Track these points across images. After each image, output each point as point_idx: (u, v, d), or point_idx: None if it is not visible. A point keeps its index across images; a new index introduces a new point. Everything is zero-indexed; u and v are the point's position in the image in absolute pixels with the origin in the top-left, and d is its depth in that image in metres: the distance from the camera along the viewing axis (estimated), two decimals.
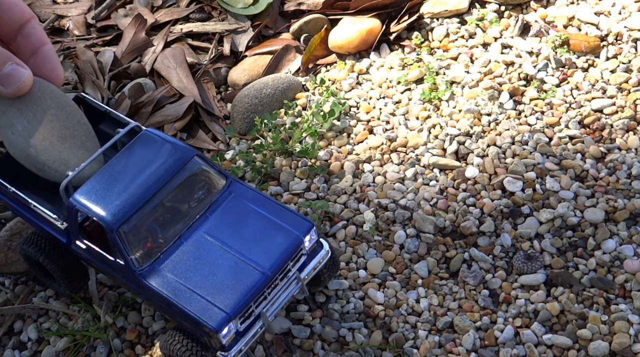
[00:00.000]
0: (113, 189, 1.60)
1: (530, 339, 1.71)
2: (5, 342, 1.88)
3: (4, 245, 1.95)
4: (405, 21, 2.32)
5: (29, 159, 1.65)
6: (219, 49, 2.40)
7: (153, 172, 1.62)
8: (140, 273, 1.60)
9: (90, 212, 1.59)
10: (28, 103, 1.65)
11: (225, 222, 1.65)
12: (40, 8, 2.58)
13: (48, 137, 1.65)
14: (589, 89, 2.11)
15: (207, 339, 1.58)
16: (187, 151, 1.66)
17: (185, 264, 1.60)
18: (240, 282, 1.57)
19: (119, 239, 1.58)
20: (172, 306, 1.57)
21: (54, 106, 1.67)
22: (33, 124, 1.65)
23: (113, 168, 1.63)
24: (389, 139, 2.09)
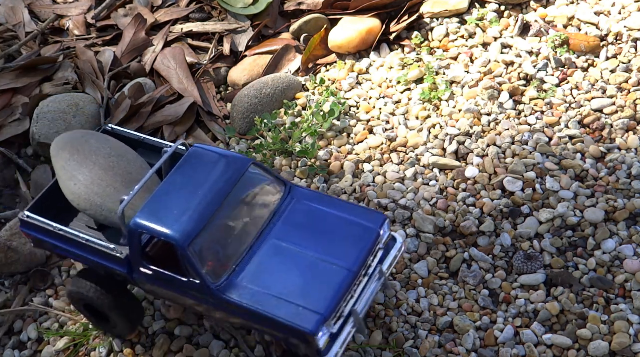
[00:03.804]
0: (175, 207, 1.55)
1: (530, 339, 1.71)
2: (5, 342, 1.88)
3: (4, 245, 1.95)
4: (405, 21, 2.32)
5: (95, 207, 1.65)
6: (219, 49, 2.40)
7: (214, 186, 1.58)
8: (219, 289, 1.53)
9: (157, 232, 1.53)
10: (87, 154, 1.65)
11: (296, 226, 1.61)
12: (40, 8, 2.58)
13: (112, 184, 1.65)
14: (589, 89, 2.11)
15: (302, 346, 1.52)
16: (244, 161, 1.62)
17: (264, 272, 1.55)
18: (327, 282, 1.52)
19: (192, 257, 1.52)
20: (258, 317, 1.51)
21: (114, 154, 1.68)
22: (95, 173, 1.65)
23: (170, 187, 1.59)
24: (389, 139, 2.09)
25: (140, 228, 1.55)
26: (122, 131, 1.83)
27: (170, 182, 1.60)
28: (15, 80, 2.34)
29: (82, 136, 1.76)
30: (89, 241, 1.64)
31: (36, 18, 2.56)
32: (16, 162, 2.19)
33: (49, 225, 1.68)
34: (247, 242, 1.59)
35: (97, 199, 1.66)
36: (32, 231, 1.71)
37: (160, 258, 1.62)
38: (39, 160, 2.20)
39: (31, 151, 2.23)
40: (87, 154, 1.69)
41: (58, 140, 1.77)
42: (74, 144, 1.72)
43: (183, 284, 1.56)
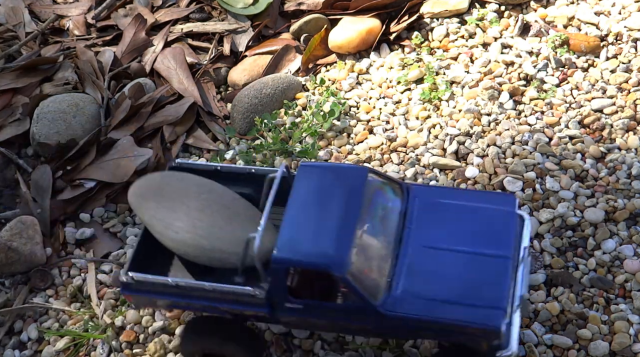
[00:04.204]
0: (314, 233, 1.48)
1: (530, 339, 1.71)
2: (6, 342, 1.88)
3: (4, 245, 1.95)
4: (405, 21, 2.32)
5: (204, 250, 1.58)
6: (219, 49, 2.40)
7: (342, 202, 1.52)
8: (382, 307, 1.48)
9: (306, 264, 1.46)
10: (175, 197, 1.59)
11: (432, 225, 1.56)
12: (40, 8, 2.58)
13: (214, 223, 1.58)
14: (589, 89, 2.11)
15: (483, 344, 1.48)
16: (360, 170, 1.58)
17: (423, 279, 1.50)
18: (490, 274, 1.48)
19: (351, 281, 1.45)
20: (433, 325, 1.47)
21: (202, 191, 1.61)
22: (192, 216, 1.58)
23: (296, 212, 1.52)
24: (389, 139, 2.09)
25: (285, 263, 1.47)
26: (193, 164, 1.75)
27: (293, 207, 1.53)
28: (15, 80, 2.34)
29: (160, 180, 1.68)
30: (219, 288, 1.54)
31: (36, 18, 2.56)
32: (16, 162, 2.19)
33: (163, 281, 1.58)
34: (391, 252, 1.53)
35: (204, 242, 1.58)
36: (138, 292, 1.61)
37: (308, 289, 1.54)
38: (39, 160, 2.20)
39: (31, 151, 2.23)
40: (175, 198, 1.61)
41: (135, 191, 1.68)
42: (156, 191, 1.65)
43: (341, 310, 1.50)
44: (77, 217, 2.08)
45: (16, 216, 2.03)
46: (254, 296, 1.53)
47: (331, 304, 1.51)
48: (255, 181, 1.68)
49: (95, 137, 2.18)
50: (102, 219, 2.08)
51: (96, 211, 2.08)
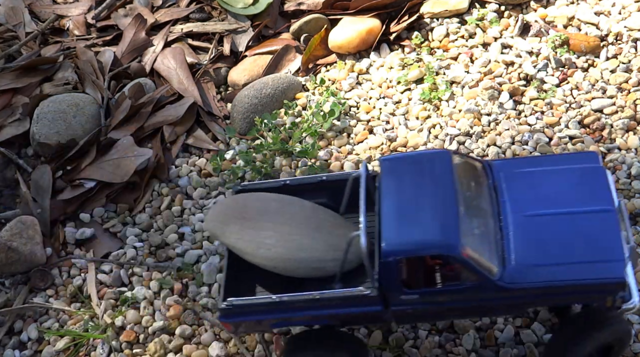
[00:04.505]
0: (418, 221, 1.48)
1: (530, 339, 1.71)
2: (6, 342, 1.88)
3: (4, 245, 1.95)
4: (405, 21, 2.32)
5: (302, 262, 1.57)
6: (219, 49, 2.40)
7: (436, 186, 1.52)
8: (502, 281, 1.47)
9: (421, 250, 1.46)
10: (257, 217, 1.58)
11: (525, 194, 1.56)
12: (40, 8, 2.58)
13: (303, 234, 1.58)
14: (589, 89, 2.11)
15: (610, 299, 1.48)
16: (444, 153, 1.58)
17: (535, 248, 1.49)
18: (600, 230, 1.49)
19: (468, 260, 1.45)
20: (560, 290, 1.47)
21: (283, 206, 1.61)
22: (281, 231, 1.58)
23: (392, 206, 1.51)
24: (389, 139, 2.09)
25: (398, 254, 1.46)
26: (258, 184, 1.74)
27: (388, 200, 1.53)
28: (15, 80, 2.34)
29: (237, 202, 1.66)
30: (328, 295, 1.52)
31: (36, 18, 2.56)
32: (16, 162, 2.19)
33: (267, 300, 1.54)
34: (494, 227, 1.54)
35: (301, 254, 1.58)
36: (239, 317, 1.58)
37: (421, 278, 1.53)
38: (39, 160, 2.20)
39: (31, 151, 2.23)
40: (257, 217, 1.60)
41: (213, 218, 1.66)
42: (235, 214, 1.63)
43: (460, 292, 1.50)
44: (77, 217, 2.08)
45: (16, 216, 2.03)
46: (366, 295, 1.51)
47: (449, 288, 1.50)
48: (327, 188, 1.68)
49: (95, 137, 2.18)
50: (102, 219, 2.08)
51: (96, 211, 2.08)
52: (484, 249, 1.49)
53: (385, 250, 1.47)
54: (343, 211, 1.68)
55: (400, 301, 1.52)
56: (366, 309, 1.54)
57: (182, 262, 1.93)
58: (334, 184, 1.69)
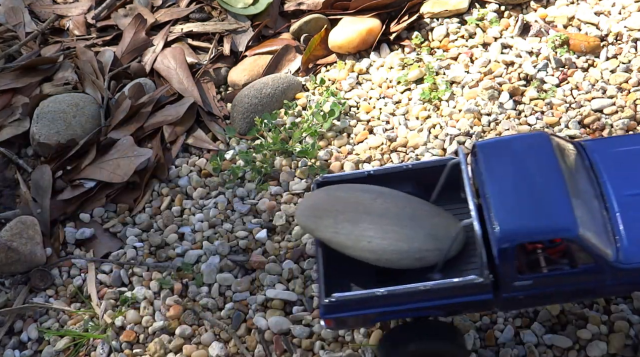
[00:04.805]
0: (530, 205, 1.47)
1: (530, 339, 1.71)
2: (6, 342, 1.88)
3: (4, 245, 1.95)
4: (405, 21, 2.32)
5: (404, 253, 1.55)
6: (219, 49, 2.40)
7: (541, 168, 1.51)
8: (617, 261, 1.46)
9: (539, 233, 1.44)
10: (351, 209, 1.56)
11: (625, 174, 1.56)
12: (40, 8, 2.58)
13: (402, 225, 1.56)
14: (589, 89, 2.11)
15: None
16: (541, 135, 1.57)
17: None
18: None
19: (585, 242, 1.44)
20: None
21: (375, 197, 1.59)
22: (379, 222, 1.56)
23: (499, 191, 1.50)
24: (389, 139, 2.09)
25: (514, 239, 1.44)
26: (340, 176, 1.72)
27: (494, 187, 1.51)
28: (15, 80, 2.34)
29: (327, 195, 1.64)
30: (438, 286, 1.50)
31: (36, 18, 2.56)
32: (16, 162, 2.19)
33: (371, 294, 1.52)
34: (600, 208, 1.53)
35: (402, 245, 1.56)
36: (342, 313, 1.55)
37: (531, 263, 1.51)
38: (39, 160, 2.20)
39: (31, 151, 2.23)
40: (351, 209, 1.58)
41: (305, 212, 1.64)
42: (327, 208, 1.62)
43: (574, 275, 1.48)
44: (77, 217, 2.08)
45: (16, 216, 2.03)
46: (479, 283, 1.50)
47: (564, 272, 1.49)
48: (411, 177, 1.67)
49: (95, 137, 2.18)
50: (102, 219, 2.08)
51: (96, 211, 2.08)
52: (598, 230, 1.48)
53: (501, 236, 1.45)
54: (434, 199, 1.67)
55: (513, 288, 1.50)
56: (476, 297, 1.52)
57: (182, 262, 1.93)
58: (418, 173, 1.69)
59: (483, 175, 1.54)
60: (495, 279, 1.50)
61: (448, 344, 1.58)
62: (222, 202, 2.05)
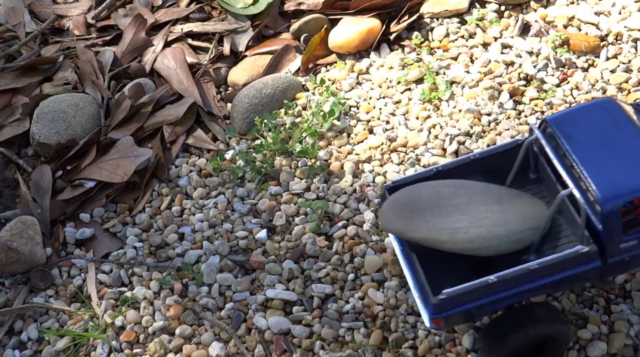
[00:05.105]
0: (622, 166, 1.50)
1: None
2: (6, 342, 1.88)
3: (4, 245, 1.95)
4: (405, 21, 2.32)
5: (502, 238, 1.55)
6: (219, 49, 2.40)
7: (623, 132, 1.55)
8: None
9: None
10: (438, 203, 1.56)
11: None
12: (40, 8, 2.58)
13: (492, 210, 1.56)
14: (589, 89, 2.11)
15: None
16: (608, 101, 1.60)
17: None
18: None
19: None
20: None
21: (455, 188, 1.60)
22: (470, 211, 1.56)
23: (585, 157, 1.53)
24: (389, 139, 2.09)
25: (618, 200, 1.47)
26: (408, 178, 1.71)
27: (579, 154, 1.54)
28: (15, 80, 2.34)
29: (407, 197, 1.63)
30: (547, 262, 1.50)
31: (36, 18, 2.56)
32: (16, 162, 2.19)
33: (482, 283, 1.50)
34: None
35: (499, 230, 1.56)
36: (453, 309, 1.53)
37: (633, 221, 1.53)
38: (39, 160, 2.20)
39: (31, 151, 2.23)
40: (438, 205, 1.58)
41: (392, 217, 1.61)
42: (412, 208, 1.60)
43: None
44: (77, 217, 2.08)
45: (16, 216, 2.03)
46: (586, 252, 1.51)
47: None
48: (478, 166, 1.68)
49: (95, 137, 2.18)
50: (102, 219, 2.08)
51: (96, 211, 2.08)
52: None
53: (604, 199, 1.47)
54: (509, 183, 1.68)
55: (619, 251, 1.52)
56: (584, 267, 1.52)
57: (182, 262, 1.93)
58: (485, 161, 1.70)
59: (565, 146, 1.57)
60: (599, 246, 1.52)
61: (558, 326, 1.57)
62: (222, 202, 2.05)
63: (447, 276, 1.59)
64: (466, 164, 1.71)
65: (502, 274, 1.51)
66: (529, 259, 1.55)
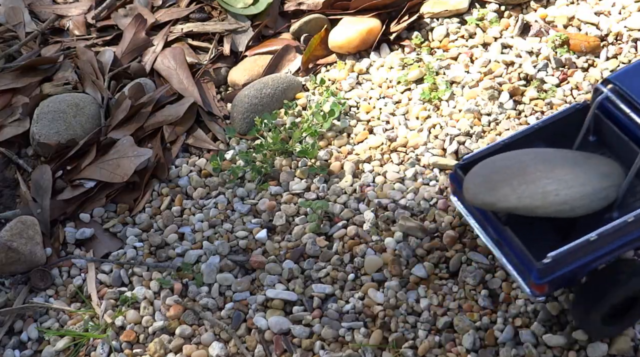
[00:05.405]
0: None
1: (529, 339, 1.71)
2: (6, 342, 1.88)
3: (4, 245, 1.95)
4: (405, 21, 2.32)
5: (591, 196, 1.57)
6: (219, 49, 2.40)
7: None
8: None
9: None
10: (521, 173, 1.58)
11: None
12: (40, 8, 2.58)
13: (575, 171, 1.58)
14: (589, 89, 2.11)
15: None
16: None
17: None
18: None
19: None
20: None
21: (530, 155, 1.62)
22: (553, 176, 1.57)
23: None
24: (389, 139, 2.09)
25: None
26: (478, 153, 1.73)
27: None
28: (15, 80, 2.34)
29: (487, 170, 1.64)
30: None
31: (36, 18, 2.56)
32: (16, 162, 2.19)
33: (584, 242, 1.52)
34: None
35: (587, 189, 1.57)
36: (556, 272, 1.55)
37: None
38: (39, 160, 2.20)
39: (31, 151, 2.23)
40: (520, 172, 1.58)
41: (477, 192, 1.61)
42: (495, 179, 1.61)
43: None
44: (77, 217, 2.08)
45: (16, 216, 2.04)
46: None
47: None
48: (542, 134, 1.71)
49: (95, 137, 2.18)
50: (102, 219, 2.08)
51: (96, 211, 2.08)
52: None
53: None
54: (576, 146, 1.70)
55: None
56: None
57: (182, 262, 1.93)
58: (546, 129, 1.72)
59: (637, 100, 1.60)
60: None
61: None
62: (222, 202, 2.05)
63: (533, 244, 1.60)
64: (530, 134, 1.73)
65: (601, 230, 1.53)
66: (613, 216, 1.58)
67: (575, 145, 1.72)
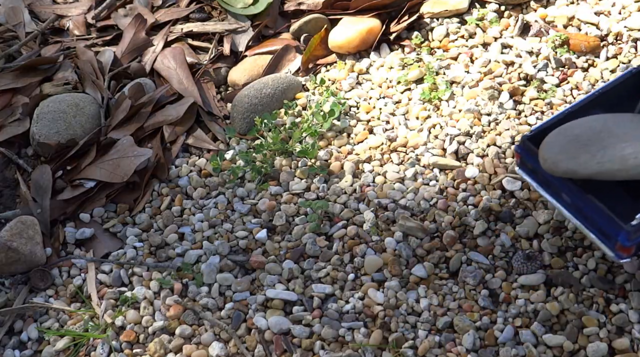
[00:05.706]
0: None
1: (529, 339, 1.71)
2: (6, 342, 1.88)
3: (4, 245, 1.95)
4: (405, 21, 2.32)
5: None
6: (219, 49, 2.40)
7: None
8: None
9: None
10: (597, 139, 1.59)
11: None
12: (40, 8, 2.58)
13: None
14: (589, 89, 2.11)
15: None
16: None
17: None
18: None
19: None
20: None
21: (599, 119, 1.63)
22: (629, 138, 1.59)
23: None
24: (389, 139, 2.09)
25: None
26: (544, 124, 1.75)
27: None
28: (15, 80, 2.34)
29: (562, 138, 1.65)
30: None
31: (36, 18, 2.56)
32: (16, 162, 2.19)
33: None
34: None
35: None
36: None
37: None
38: (39, 160, 2.20)
39: (31, 151, 2.23)
40: (596, 139, 1.60)
41: (557, 160, 1.63)
42: (573, 147, 1.63)
43: None
44: (77, 217, 2.08)
45: (16, 216, 2.04)
46: None
47: None
48: (602, 102, 1.72)
49: (95, 137, 2.18)
50: (102, 219, 2.08)
51: (96, 211, 2.08)
52: None
53: None
54: (638, 109, 1.72)
55: None
56: None
57: (182, 262, 1.93)
58: (606, 95, 1.73)
59: None
60: None
61: None
62: (222, 202, 2.05)
63: (609, 209, 1.62)
64: (592, 101, 1.74)
65: None
66: None
67: (638, 109, 1.72)
